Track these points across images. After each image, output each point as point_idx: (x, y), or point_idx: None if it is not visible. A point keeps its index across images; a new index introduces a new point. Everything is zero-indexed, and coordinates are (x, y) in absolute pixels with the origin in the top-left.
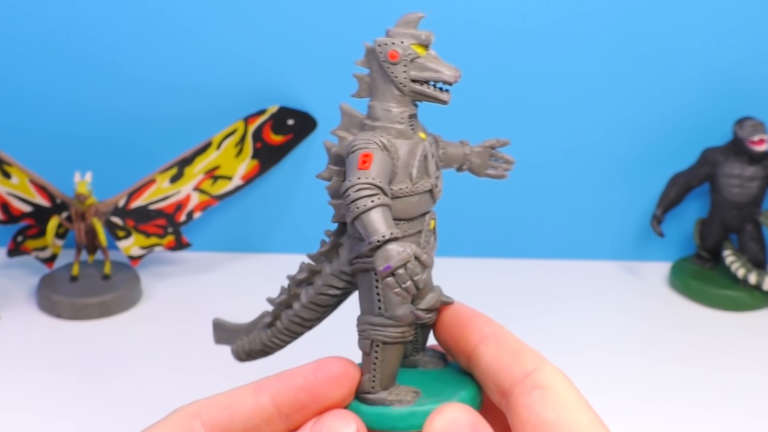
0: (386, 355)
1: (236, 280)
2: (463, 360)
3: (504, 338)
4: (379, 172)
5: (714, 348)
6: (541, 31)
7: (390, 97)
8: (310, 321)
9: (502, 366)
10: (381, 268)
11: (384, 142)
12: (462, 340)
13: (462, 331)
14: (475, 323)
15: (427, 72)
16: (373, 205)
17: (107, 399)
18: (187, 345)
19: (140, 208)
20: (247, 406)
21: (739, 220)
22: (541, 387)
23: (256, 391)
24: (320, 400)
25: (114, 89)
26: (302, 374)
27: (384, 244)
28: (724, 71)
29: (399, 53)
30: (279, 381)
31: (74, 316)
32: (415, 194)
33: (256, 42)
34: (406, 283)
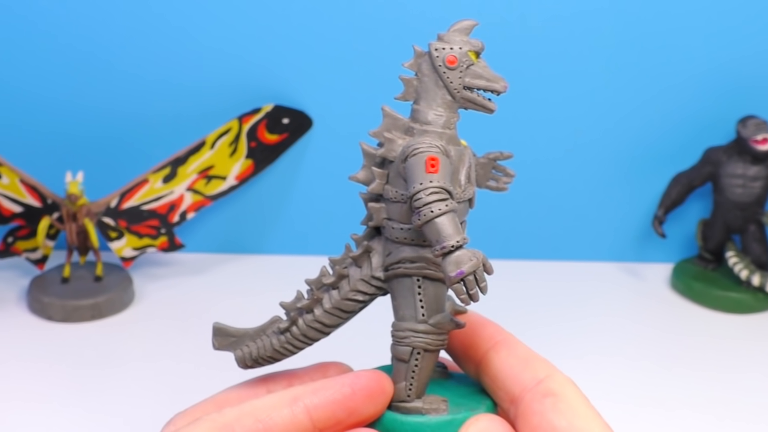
0: (425, 363)
1: (230, 281)
2: (471, 367)
3: (514, 346)
4: (446, 177)
5: (716, 351)
6: (540, 27)
7: (441, 102)
8: (330, 327)
9: (512, 373)
10: (453, 274)
11: (444, 146)
12: (472, 347)
13: (472, 338)
14: (486, 331)
15: (481, 80)
16: (447, 209)
17: (99, 403)
18: (181, 348)
19: (133, 208)
20: (283, 419)
21: (743, 221)
22: (553, 394)
23: (292, 403)
24: (355, 415)
25: (106, 88)
26: (339, 387)
27: (456, 249)
28: (728, 69)
29: (457, 59)
30: (315, 394)
31: (65, 319)
32: (462, 201)
33: (251, 40)
34: (473, 290)
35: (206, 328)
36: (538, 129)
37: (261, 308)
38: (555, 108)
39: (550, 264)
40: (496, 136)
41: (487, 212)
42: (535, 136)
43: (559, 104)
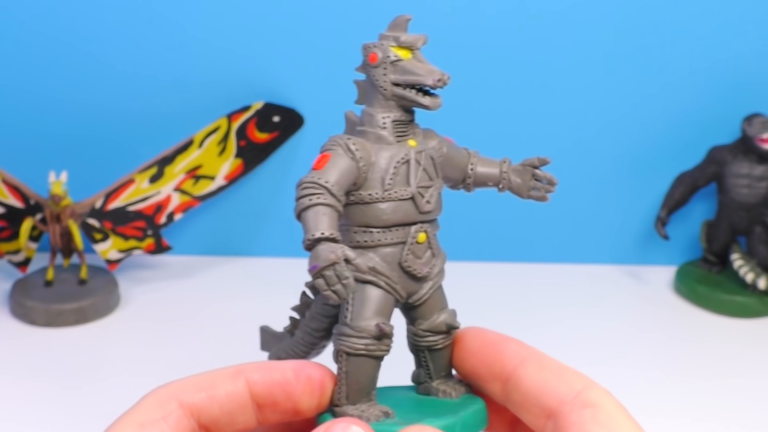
0: (351, 367)
1: (219, 285)
2: (497, 386)
3: (544, 360)
4: (331, 173)
5: (721, 357)
6: (538, 20)
7: (376, 102)
8: (320, 332)
9: (547, 386)
10: (308, 268)
11: (350, 145)
12: (496, 365)
13: (495, 356)
14: (510, 347)
15: (408, 75)
16: (311, 203)
17: (83, 409)
18: (167, 353)
19: (118, 209)
20: (225, 390)
21: (748, 222)
22: (592, 405)
23: (234, 376)
24: (293, 401)
25: (91, 84)
26: (281, 370)
27: (316, 243)
28: (733, 64)
29: (378, 56)
30: (258, 371)
31: (49, 323)
32: (386, 201)
33: (240, 34)
34: (334, 286)
35: (193, 332)
36: (535, 127)
37: (251, 312)
38: (553, 105)
39: (548, 267)
40: (491, 133)
41: (483, 213)
42: (532, 134)
43: (558, 101)
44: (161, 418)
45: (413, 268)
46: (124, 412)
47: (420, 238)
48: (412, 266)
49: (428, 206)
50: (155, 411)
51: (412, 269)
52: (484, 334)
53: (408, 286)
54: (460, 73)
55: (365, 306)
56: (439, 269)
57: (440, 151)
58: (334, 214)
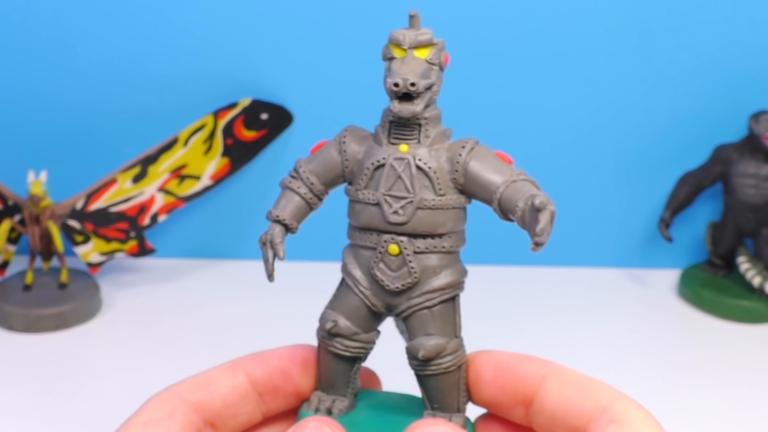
0: (320, 356)
1: (205, 289)
2: (520, 411)
3: (565, 374)
4: (314, 163)
5: (727, 363)
6: (537, 14)
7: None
8: None
9: (572, 405)
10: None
11: (342, 138)
12: (516, 390)
13: (513, 380)
14: (526, 368)
15: (386, 77)
16: (287, 185)
17: (64, 417)
18: (150, 359)
19: (100, 210)
20: (224, 383)
21: (755, 224)
22: (617, 421)
23: (231, 370)
24: (293, 384)
25: (71, 79)
26: (278, 356)
27: (269, 220)
28: (739, 60)
29: (383, 54)
30: (254, 360)
31: (28, 329)
32: (357, 201)
33: (227, 29)
34: (265, 257)
35: (178, 339)
36: (534, 125)
37: (237, 317)
38: (553, 101)
39: (547, 270)
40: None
41: (482, 215)
42: (530, 133)
43: (558, 97)
44: (165, 417)
45: (381, 278)
46: (127, 417)
47: (390, 249)
48: (380, 276)
49: (397, 218)
50: (158, 410)
51: (379, 279)
52: (496, 358)
53: (382, 296)
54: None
55: (336, 300)
56: (425, 292)
57: (454, 164)
58: (299, 201)
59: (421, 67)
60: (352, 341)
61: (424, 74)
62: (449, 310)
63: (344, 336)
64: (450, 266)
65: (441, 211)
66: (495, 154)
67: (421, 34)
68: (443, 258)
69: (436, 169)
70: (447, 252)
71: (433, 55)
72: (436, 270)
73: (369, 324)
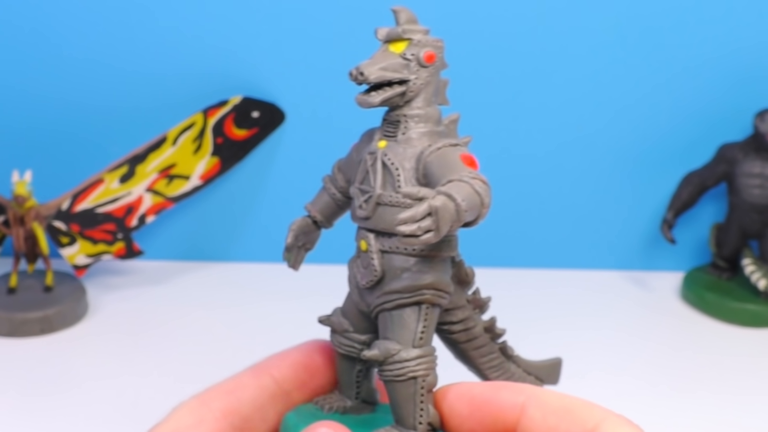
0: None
1: (194, 292)
2: None
3: (546, 400)
4: (343, 161)
5: (731, 368)
6: (538, 10)
7: None
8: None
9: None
10: None
11: (361, 139)
12: (496, 423)
13: (490, 414)
14: (503, 397)
15: None
16: (323, 183)
17: (49, 423)
18: (138, 364)
19: (86, 211)
20: (251, 386)
21: (760, 225)
22: None
23: (255, 373)
24: (320, 376)
25: (57, 77)
26: (298, 352)
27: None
28: (744, 56)
29: None
30: (276, 360)
31: (12, 333)
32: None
33: (217, 24)
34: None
35: (167, 343)
36: (534, 123)
37: (228, 321)
38: (553, 101)
39: (547, 273)
40: (486, 131)
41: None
42: (530, 132)
43: (559, 95)
44: (194, 425)
45: (356, 274)
46: (153, 425)
47: (361, 245)
48: (356, 271)
49: (361, 212)
50: (187, 418)
51: (354, 274)
52: (470, 390)
53: (361, 293)
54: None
55: (346, 297)
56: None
57: (418, 162)
58: (326, 196)
59: (386, 61)
60: (344, 339)
61: (389, 67)
62: (410, 317)
63: (337, 332)
64: (417, 270)
65: (400, 209)
66: (459, 155)
67: (394, 29)
68: (408, 260)
69: (399, 165)
70: (415, 255)
71: (408, 50)
72: (398, 272)
73: (361, 323)
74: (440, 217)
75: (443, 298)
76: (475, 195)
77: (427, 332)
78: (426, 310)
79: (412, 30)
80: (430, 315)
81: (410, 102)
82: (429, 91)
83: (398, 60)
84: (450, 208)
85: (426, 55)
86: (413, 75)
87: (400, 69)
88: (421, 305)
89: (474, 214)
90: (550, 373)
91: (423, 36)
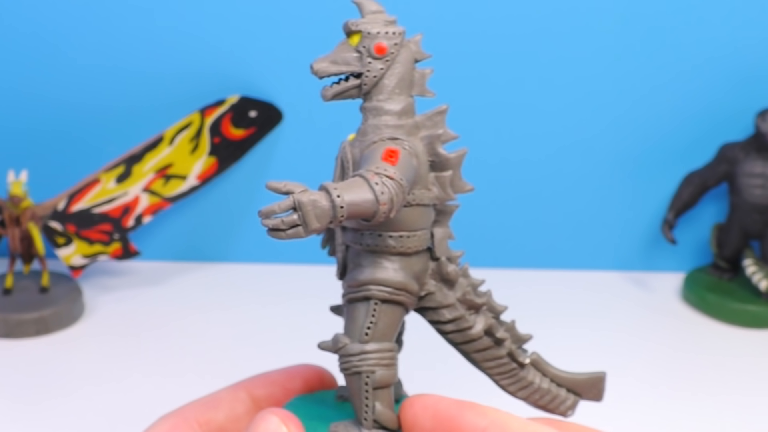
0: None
1: (191, 293)
2: None
3: (508, 426)
4: None
5: (732, 369)
6: (537, 10)
7: None
8: None
9: None
10: None
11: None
12: None
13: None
14: (466, 418)
15: None
16: None
17: (44, 425)
18: (134, 366)
19: (82, 211)
20: (227, 400)
21: (762, 225)
22: None
23: (233, 389)
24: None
25: (53, 76)
26: (279, 374)
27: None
28: (745, 56)
29: None
30: (256, 379)
31: (8, 334)
32: None
33: (214, 24)
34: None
35: (163, 345)
36: (534, 124)
37: (225, 323)
38: (553, 101)
39: (547, 274)
40: (488, 132)
41: (481, 219)
42: (530, 132)
43: (558, 96)
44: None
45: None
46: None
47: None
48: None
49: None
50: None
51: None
52: (436, 404)
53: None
54: (452, 67)
55: None
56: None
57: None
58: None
59: (339, 54)
60: None
61: (340, 60)
62: (359, 311)
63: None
64: (366, 265)
65: None
66: (385, 149)
67: (347, 22)
68: (360, 254)
69: (350, 159)
70: (371, 251)
71: (361, 42)
72: (351, 266)
73: None
74: (306, 212)
75: (397, 296)
76: (366, 191)
77: (376, 329)
78: (375, 305)
79: (364, 22)
80: (382, 311)
81: (370, 94)
82: (392, 83)
83: (351, 53)
84: (320, 204)
85: (376, 46)
86: (365, 68)
87: (352, 62)
88: (369, 300)
89: (365, 209)
90: (590, 388)
91: (380, 27)
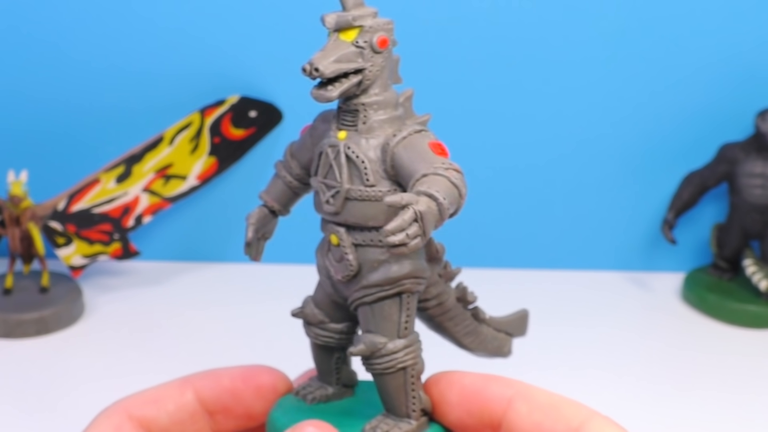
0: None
1: (191, 293)
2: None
3: (533, 396)
4: (295, 144)
5: (732, 369)
6: (538, 12)
7: None
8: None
9: (543, 429)
10: None
11: (316, 120)
12: (483, 414)
13: (478, 403)
14: (491, 390)
15: None
16: (276, 169)
17: (44, 425)
18: (134, 365)
19: (82, 211)
20: (173, 400)
21: (762, 225)
22: None
23: (181, 387)
24: (244, 406)
25: (53, 76)
26: (230, 377)
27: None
28: (745, 56)
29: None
30: (206, 379)
31: (7, 334)
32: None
33: (214, 23)
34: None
35: (163, 344)
36: (534, 124)
37: (225, 322)
38: (554, 101)
39: (547, 273)
40: (488, 132)
41: (482, 218)
42: (530, 133)
43: (559, 97)
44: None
45: (329, 268)
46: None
47: (332, 239)
48: (329, 265)
49: (329, 207)
50: (105, 427)
51: (328, 268)
52: (461, 379)
53: (336, 286)
54: (453, 71)
55: (316, 288)
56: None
57: (384, 153)
58: (281, 184)
59: (339, 51)
60: (321, 330)
61: (343, 58)
62: (392, 308)
63: (312, 324)
64: (393, 262)
65: (370, 203)
66: (428, 143)
67: (343, 17)
68: (383, 252)
69: (365, 158)
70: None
71: (360, 37)
72: (374, 264)
73: (336, 314)
74: (426, 221)
75: (421, 284)
76: (452, 188)
77: (410, 321)
78: (407, 299)
79: (362, 16)
80: (411, 303)
81: (367, 89)
82: (384, 75)
83: (351, 49)
84: (433, 210)
85: (379, 40)
86: (368, 63)
87: (355, 58)
88: (402, 295)
89: (454, 206)
90: (519, 326)
91: (373, 20)
